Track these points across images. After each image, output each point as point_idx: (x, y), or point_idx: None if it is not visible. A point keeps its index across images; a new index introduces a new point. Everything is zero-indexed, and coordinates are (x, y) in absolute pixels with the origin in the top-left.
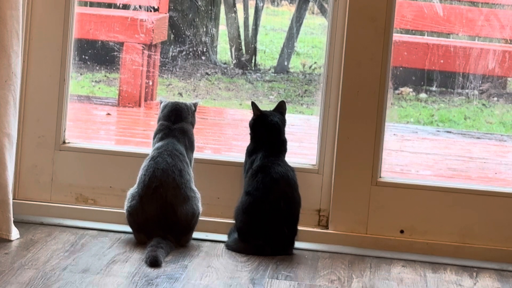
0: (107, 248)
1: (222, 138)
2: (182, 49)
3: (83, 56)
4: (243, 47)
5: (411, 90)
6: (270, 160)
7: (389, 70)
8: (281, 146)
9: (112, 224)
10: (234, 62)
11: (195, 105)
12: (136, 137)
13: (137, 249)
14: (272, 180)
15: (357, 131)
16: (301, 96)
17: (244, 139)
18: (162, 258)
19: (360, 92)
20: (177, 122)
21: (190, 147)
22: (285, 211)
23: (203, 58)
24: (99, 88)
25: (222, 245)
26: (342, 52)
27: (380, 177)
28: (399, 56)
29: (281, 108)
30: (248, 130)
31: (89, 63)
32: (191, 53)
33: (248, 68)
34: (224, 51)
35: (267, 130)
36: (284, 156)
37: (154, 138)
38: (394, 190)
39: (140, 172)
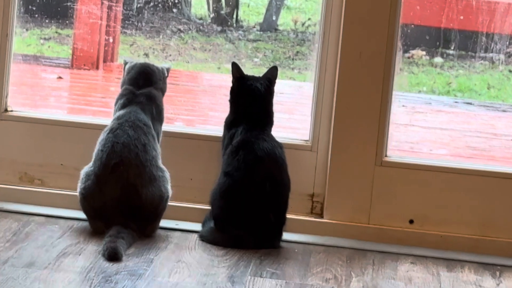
0: (56, 238)
1: (197, 108)
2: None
3: (30, 7)
4: (223, 1)
5: (424, 53)
6: (253, 134)
7: (398, 27)
8: (266, 117)
9: (62, 209)
10: (211, 16)
11: (167, 69)
12: (92, 106)
13: (93, 240)
14: (256, 158)
15: (359, 101)
16: (292, 59)
17: (223, 110)
18: (123, 251)
19: (363, 54)
20: (144, 87)
21: (158, 117)
22: (272, 195)
23: (174, 11)
24: (49, 46)
25: (196, 235)
26: (342, 6)
27: (385, 156)
28: (410, 11)
29: (269, 74)
30: (228, 99)
31: (37, 16)
32: (160, 5)
33: (229, 24)
34: (199, 4)
35: (247, 97)
36: (270, 130)
37: (115, 106)
38: (402, 172)
39: (97, 147)
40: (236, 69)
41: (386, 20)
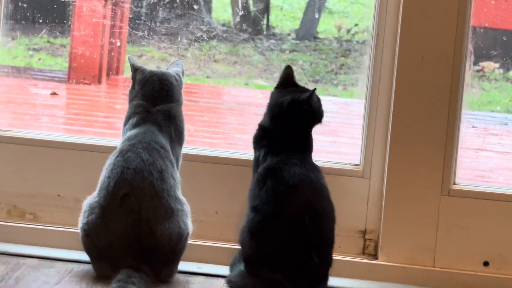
0: (53, 284)
1: (222, 130)
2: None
3: (16, 10)
4: (250, 1)
5: (497, 65)
6: (280, 158)
7: (468, 29)
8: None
9: (60, 249)
10: (237, 22)
11: (182, 73)
12: (94, 127)
13: (98, 286)
14: (287, 187)
15: (420, 120)
16: (335, 73)
17: (253, 132)
18: None
19: (425, 61)
20: (161, 103)
21: (177, 139)
22: (313, 230)
23: (192, 13)
24: (39, 59)
25: (222, 281)
26: (400, 6)
27: (454, 183)
28: (481, 12)
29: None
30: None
31: (24, 22)
32: (174, 9)
33: (258, 31)
34: (222, 7)
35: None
36: (310, 155)
37: (125, 125)
38: (474, 203)
39: (103, 173)
40: (287, 74)
41: (455, 20)
